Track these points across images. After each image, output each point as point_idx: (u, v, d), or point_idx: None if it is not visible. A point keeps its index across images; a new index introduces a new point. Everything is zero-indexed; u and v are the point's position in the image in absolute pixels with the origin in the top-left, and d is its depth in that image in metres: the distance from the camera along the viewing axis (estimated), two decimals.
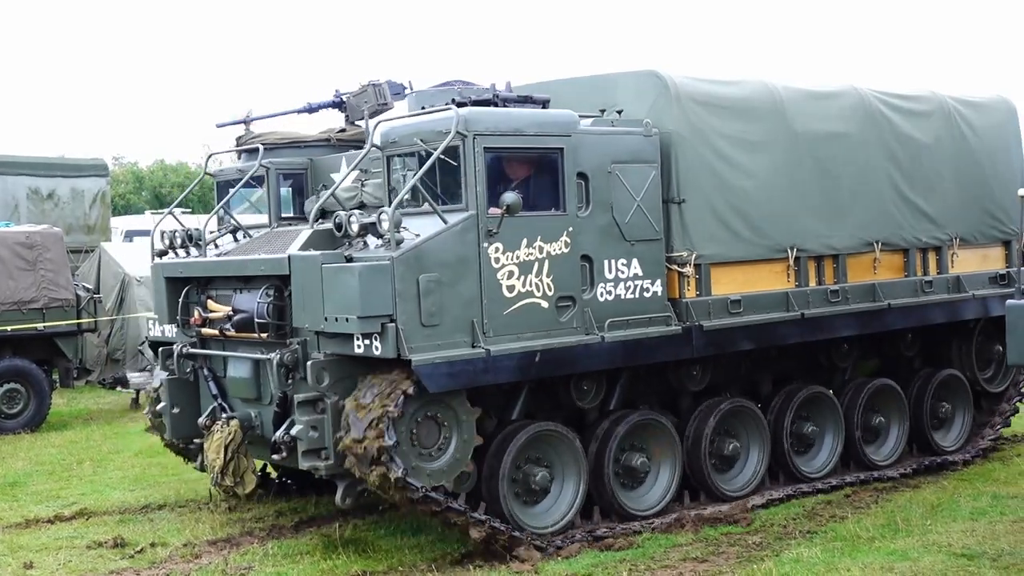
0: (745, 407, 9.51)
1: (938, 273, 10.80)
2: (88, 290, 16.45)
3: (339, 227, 7.90)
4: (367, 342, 7.51)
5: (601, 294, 8.39)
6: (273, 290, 8.25)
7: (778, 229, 9.48)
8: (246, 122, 10.21)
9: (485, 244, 7.79)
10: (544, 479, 8.38)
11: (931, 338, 11.16)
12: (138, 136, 70.36)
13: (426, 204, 7.98)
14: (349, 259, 7.67)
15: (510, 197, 7.68)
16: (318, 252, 7.78)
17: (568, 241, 8.20)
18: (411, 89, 10.67)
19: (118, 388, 17.46)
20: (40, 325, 15.38)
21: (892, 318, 10.25)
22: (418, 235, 7.60)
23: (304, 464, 7.86)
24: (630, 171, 8.54)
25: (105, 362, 18.52)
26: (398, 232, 7.53)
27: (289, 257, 7.97)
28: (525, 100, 8.29)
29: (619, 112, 8.84)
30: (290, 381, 8.13)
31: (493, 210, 7.84)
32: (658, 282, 8.70)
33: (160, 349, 9.51)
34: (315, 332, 7.93)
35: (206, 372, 9.13)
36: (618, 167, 8.47)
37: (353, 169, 8.55)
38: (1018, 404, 11.91)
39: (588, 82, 9.35)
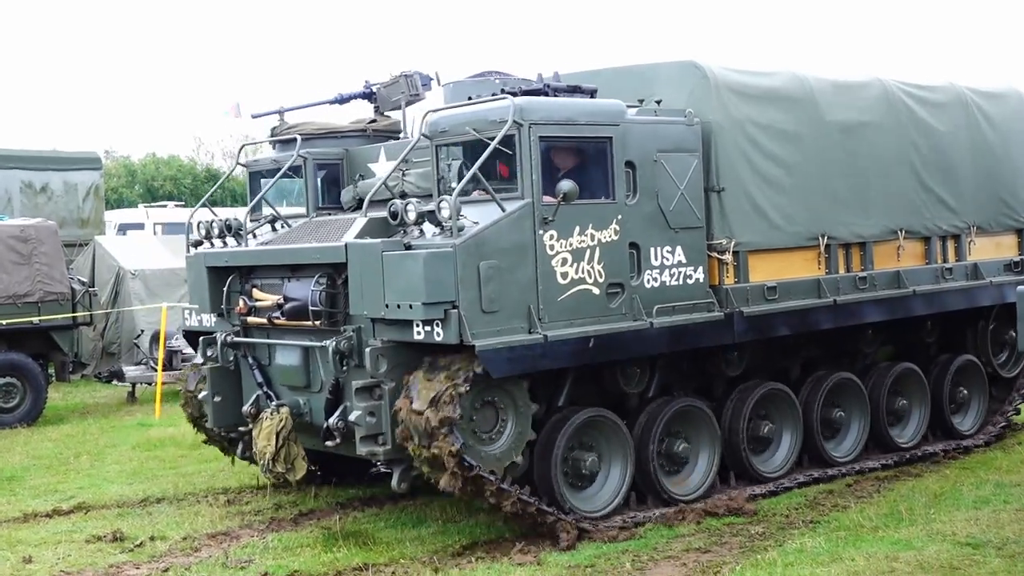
0: (779, 391, 9.69)
1: (956, 260, 11.03)
2: (83, 283, 16.38)
3: (394, 215, 7.99)
4: (428, 328, 7.61)
5: (648, 280, 8.53)
6: (326, 278, 8.32)
7: (810, 217, 9.67)
8: (280, 113, 10.27)
9: (540, 231, 7.91)
10: (594, 464, 8.51)
11: (947, 324, 11.39)
12: (130, 130, 70.07)
13: (476, 193, 8.08)
14: (408, 247, 7.76)
15: (567, 185, 7.80)
16: (378, 240, 7.87)
17: (617, 229, 8.34)
18: (438, 80, 10.77)
19: (114, 381, 17.46)
20: (35, 319, 15.32)
21: (916, 304, 10.48)
22: (476, 223, 7.71)
23: (362, 450, 7.96)
24: (674, 160, 8.68)
25: (100, 356, 18.47)
26: (458, 220, 7.63)
27: (346, 245, 8.04)
28: (574, 90, 8.41)
29: (657, 102, 8.98)
30: (345, 368, 8.21)
31: (546, 198, 7.96)
32: (700, 269, 8.86)
33: (200, 339, 9.53)
34: (371, 319, 8.02)
35: (250, 360, 9.19)
36: (663, 156, 8.61)
37: (402, 159, 8.60)
38: None
39: (624, 72, 9.48)
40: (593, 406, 8.61)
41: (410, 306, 7.52)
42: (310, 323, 8.39)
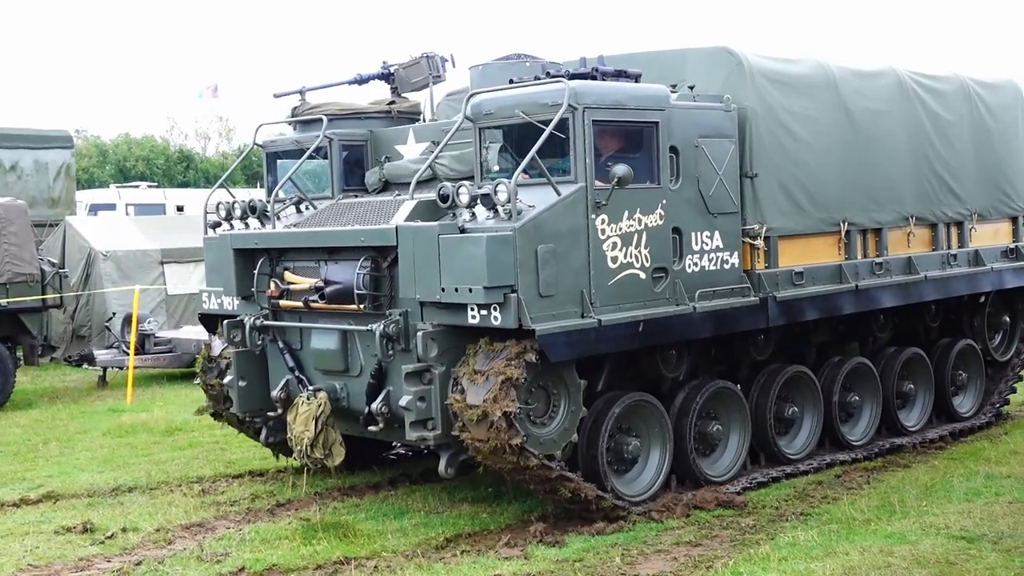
0: (803, 374, 9.82)
1: (960, 247, 11.27)
2: (53, 265, 16.03)
3: (444, 198, 7.91)
4: (484, 312, 7.56)
5: (689, 265, 8.58)
6: (370, 261, 8.23)
7: (833, 203, 9.81)
8: (302, 92, 10.10)
9: (593, 215, 7.90)
10: (636, 448, 8.55)
11: (947, 309, 11.63)
12: (101, 109, 68.49)
13: (521, 176, 8.05)
14: (462, 230, 7.70)
15: (622, 169, 7.80)
16: (434, 223, 7.79)
17: (662, 213, 8.37)
18: (453, 62, 10.70)
19: (84, 365, 17.07)
20: (4, 301, 14.95)
21: (926, 289, 10.69)
22: (532, 206, 7.67)
23: (412, 435, 7.89)
24: (713, 145, 8.74)
25: (71, 339, 18.10)
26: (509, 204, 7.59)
27: (397, 228, 7.95)
28: (620, 74, 8.40)
29: (691, 87, 9.01)
30: (391, 353, 8.12)
31: (597, 182, 7.95)
32: (735, 254, 8.94)
33: (224, 322, 9.35)
34: (420, 303, 7.95)
35: (280, 344, 9.05)
36: (704, 141, 8.66)
37: (445, 142, 8.52)
38: (1021, 372, 12.49)
39: (656, 57, 9.49)
40: (628, 390, 8.64)
41: (469, 290, 7.47)
42: (354, 307, 8.28)
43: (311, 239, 8.73)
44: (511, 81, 8.63)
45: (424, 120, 10.22)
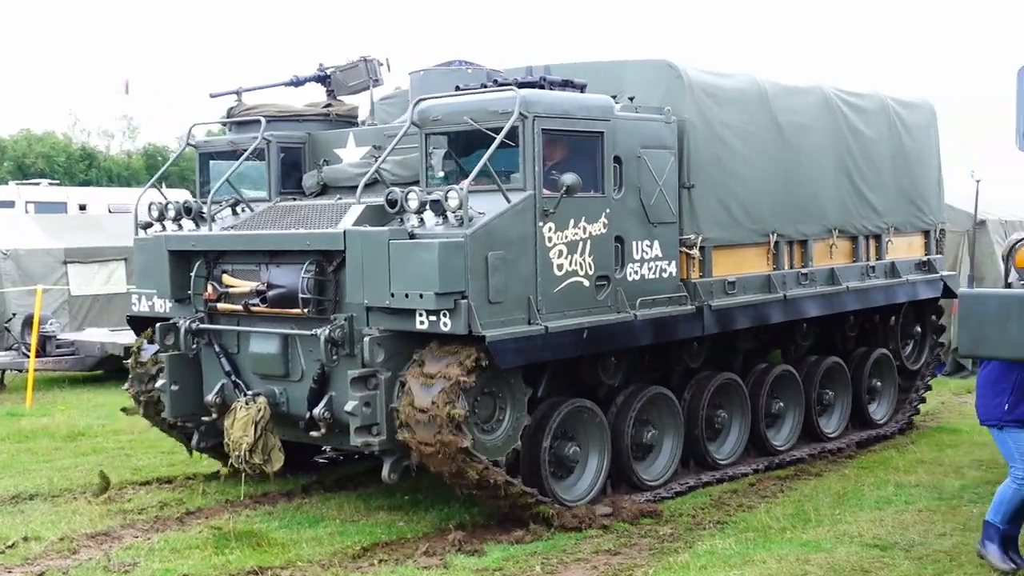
0: (732, 381, 10.02)
1: (877, 259, 11.62)
2: None
3: (392, 203, 7.90)
4: (433, 318, 7.57)
5: (630, 274, 8.70)
6: (315, 265, 8.17)
7: (764, 215, 10.04)
8: (239, 93, 9.98)
9: (540, 223, 7.97)
10: (576, 454, 8.64)
11: (864, 319, 11.98)
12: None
13: (465, 183, 8.08)
14: (411, 236, 7.70)
15: (570, 178, 7.89)
16: (384, 228, 7.77)
17: (606, 222, 8.47)
18: (388, 66, 10.70)
19: None
20: None
21: (848, 300, 11.00)
22: (483, 213, 7.71)
23: (356, 440, 7.85)
24: (654, 156, 8.88)
25: None
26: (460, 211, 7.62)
27: (345, 232, 7.91)
28: (567, 84, 8.48)
29: (631, 99, 9.14)
30: (335, 357, 8.08)
31: (544, 190, 8.03)
32: (673, 263, 9.09)
33: (157, 325, 9.18)
34: (366, 308, 7.92)
35: (216, 348, 8.92)
36: (646, 152, 8.79)
37: (392, 147, 8.50)
38: (929, 381, 12.94)
39: (595, 67, 9.60)
40: (565, 397, 8.72)
41: (420, 296, 7.47)
42: (297, 311, 8.21)
43: (254, 242, 8.62)
44: (457, 88, 8.65)
45: (360, 124, 10.19)
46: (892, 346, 12.30)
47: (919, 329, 12.73)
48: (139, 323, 9.89)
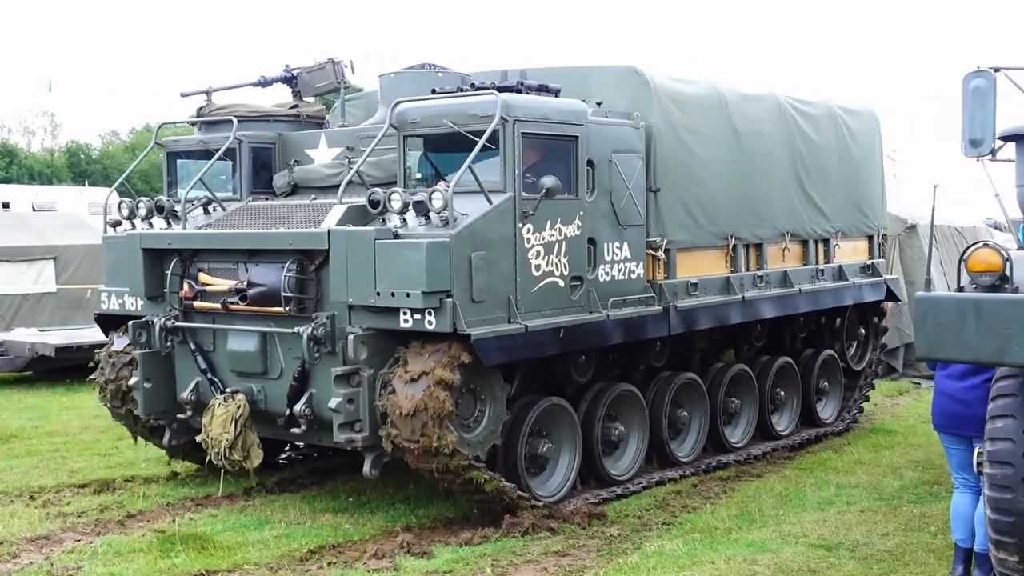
0: (693, 381, 10.31)
1: (826, 263, 12.02)
2: None
3: (375, 204, 8.05)
4: (417, 317, 7.73)
5: (601, 275, 8.94)
6: (296, 264, 8.27)
7: (723, 218, 10.35)
8: (208, 93, 10.03)
9: (520, 225, 8.17)
10: (550, 450, 8.85)
11: (812, 320, 12.37)
12: None
13: (441, 184, 8.26)
14: (396, 236, 7.84)
15: (550, 181, 8.10)
16: (370, 227, 7.91)
17: (579, 224, 8.71)
18: (352, 68, 10.82)
19: None
20: None
21: (801, 301, 11.37)
22: (466, 214, 7.89)
23: (339, 436, 7.97)
24: (624, 160, 9.14)
25: None
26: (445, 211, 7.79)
27: (329, 231, 8.03)
28: (542, 89, 8.69)
29: (598, 104, 9.39)
30: (317, 355, 8.19)
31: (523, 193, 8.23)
32: (641, 265, 9.36)
33: (130, 323, 9.20)
34: (349, 306, 8.05)
35: (192, 346, 8.97)
36: (616, 156, 9.05)
37: (373, 148, 8.62)
38: (873, 381, 13.39)
39: (562, 73, 9.81)
40: (535, 395, 8.92)
41: (407, 294, 7.62)
42: (279, 309, 8.31)
43: (234, 240, 8.69)
44: (433, 91, 8.82)
45: (328, 124, 10.31)
46: (838, 347, 12.71)
47: (863, 331, 13.17)
48: (107, 321, 9.87)
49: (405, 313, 7.77)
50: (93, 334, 16.32)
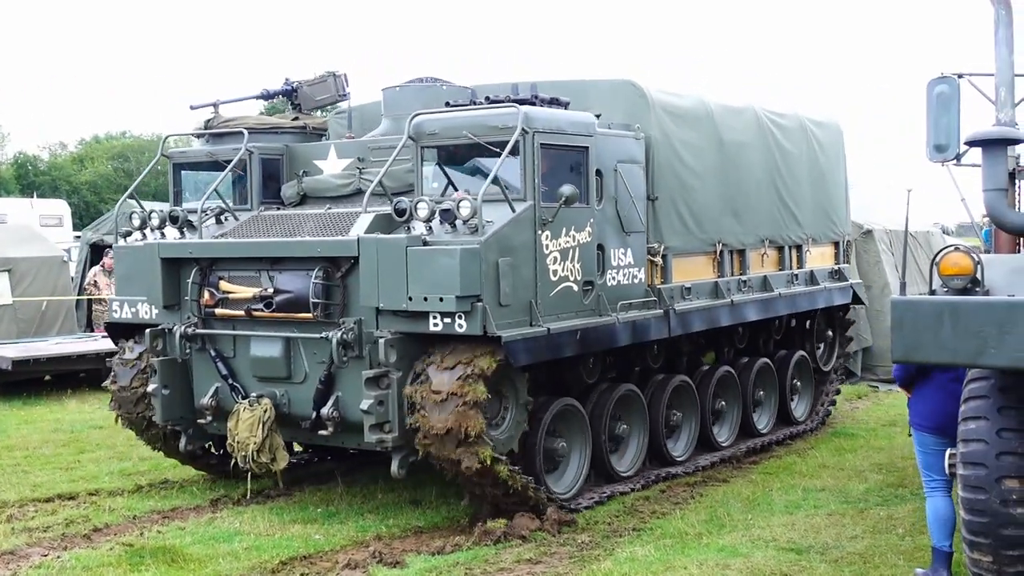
0: (685, 383, 10.74)
1: (799, 268, 12.56)
2: None
3: (401, 212, 8.34)
4: (448, 320, 8.04)
5: (609, 280, 9.34)
6: (323, 271, 8.53)
7: (711, 225, 10.82)
8: (216, 106, 10.23)
9: (539, 232, 8.53)
10: (564, 449, 9.21)
11: (784, 324, 12.91)
12: None
13: (455, 194, 8.58)
14: (425, 243, 8.15)
15: (568, 189, 8.48)
16: (401, 235, 8.20)
17: (590, 231, 9.09)
18: (346, 81, 11.10)
19: None
20: None
21: (780, 305, 11.89)
22: (491, 222, 8.22)
23: (371, 437, 8.24)
24: (628, 170, 9.55)
25: None
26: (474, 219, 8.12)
27: (359, 239, 8.30)
28: (553, 101, 9.06)
29: (597, 116, 9.78)
30: (345, 359, 8.45)
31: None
32: (642, 270, 9.77)
33: (147, 331, 9.36)
34: (376, 311, 8.32)
35: (212, 352, 9.17)
36: (621, 166, 9.46)
37: (393, 159, 8.88)
38: (841, 380, 13.98)
39: (562, 86, 10.18)
40: (548, 395, 9.27)
41: (440, 299, 7.92)
42: (307, 315, 8.55)
43: (260, 249, 8.91)
44: (447, 104, 9.14)
45: (329, 135, 10.57)
46: (808, 348, 13.26)
47: (830, 333, 13.76)
48: (117, 330, 10.01)
49: (435, 317, 8.07)
50: (48, 347, 16.37)
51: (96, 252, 19.55)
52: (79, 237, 22.79)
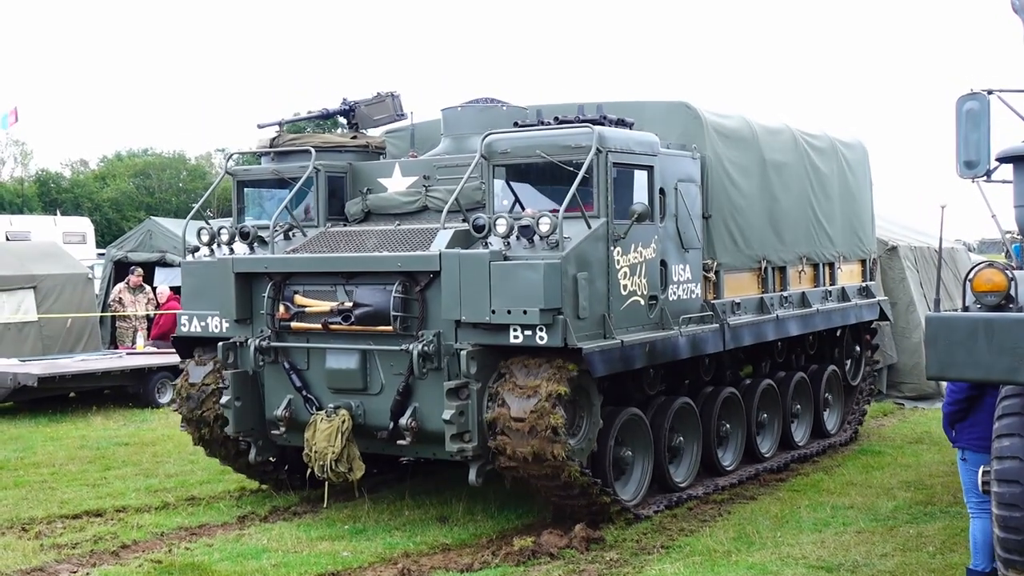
0: (734, 395, 11.05)
1: (832, 284, 12.91)
2: None
3: (479, 228, 8.61)
4: (528, 333, 8.31)
5: (671, 294, 9.64)
6: (402, 286, 8.78)
7: (757, 242, 11.16)
8: (281, 124, 10.48)
9: (612, 247, 8.83)
10: (629, 457, 9.48)
11: (817, 339, 13.24)
12: None
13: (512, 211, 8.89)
14: (506, 258, 8.42)
15: (640, 206, 8.78)
16: (484, 250, 8.47)
17: (655, 247, 9.40)
18: (401, 103, 11.38)
19: None
20: None
21: (817, 320, 12.23)
22: (569, 237, 8.51)
23: (452, 447, 8.49)
24: (686, 189, 9.88)
25: None
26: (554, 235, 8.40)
27: (441, 254, 8.57)
28: (620, 122, 9.37)
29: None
30: (425, 370, 8.70)
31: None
32: (699, 285, 10.09)
33: (220, 344, 9.58)
34: (455, 323, 8.58)
35: (286, 365, 9.39)
36: (681, 185, 9.78)
37: (467, 178, 9.14)
38: (870, 394, 14.29)
39: (618, 107, 10.49)
40: (614, 405, 9.54)
41: (524, 312, 8.19)
42: (387, 328, 8.79)
43: (337, 264, 9.15)
44: (516, 124, 9.44)
45: (387, 155, 10.84)
46: (838, 363, 13.59)
47: (858, 348, 14.10)
48: (184, 343, 10.21)
49: (515, 330, 8.34)
50: (74, 364, 16.48)
51: (120, 269, 19.68)
52: (102, 254, 22.90)
